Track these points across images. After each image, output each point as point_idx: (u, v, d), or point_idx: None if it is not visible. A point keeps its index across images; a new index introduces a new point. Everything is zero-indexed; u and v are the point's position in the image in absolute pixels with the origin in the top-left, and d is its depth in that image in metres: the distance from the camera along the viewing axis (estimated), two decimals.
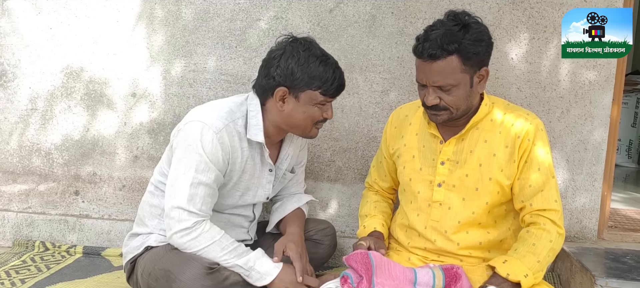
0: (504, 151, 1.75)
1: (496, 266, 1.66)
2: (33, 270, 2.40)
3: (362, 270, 1.64)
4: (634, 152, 5.29)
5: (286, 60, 1.80)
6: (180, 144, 1.83)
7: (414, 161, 1.87)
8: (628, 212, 3.17)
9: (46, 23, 2.69)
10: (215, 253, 1.80)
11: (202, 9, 2.58)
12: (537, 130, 1.75)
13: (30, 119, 2.76)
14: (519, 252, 1.67)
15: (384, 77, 2.51)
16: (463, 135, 1.78)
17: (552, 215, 1.71)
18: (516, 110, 1.81)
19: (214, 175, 1.81)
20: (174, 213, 1.78)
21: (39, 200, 2.81)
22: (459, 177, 1.78)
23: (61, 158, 2.77)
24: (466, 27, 1.63)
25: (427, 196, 1.83)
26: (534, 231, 1.70)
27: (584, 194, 2.46)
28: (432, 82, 1.66)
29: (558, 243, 1.71)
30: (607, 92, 2.39)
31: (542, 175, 1.72)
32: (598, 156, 2.43)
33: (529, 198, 1.73)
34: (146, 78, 2.66)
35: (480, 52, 1.65)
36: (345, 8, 2.49)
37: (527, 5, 2.38)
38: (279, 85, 1.81)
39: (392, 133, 1.98)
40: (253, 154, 1.93)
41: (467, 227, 1.80)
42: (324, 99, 1.83)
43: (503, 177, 1.74)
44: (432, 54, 1.61)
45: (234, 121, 1.86)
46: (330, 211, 2.65)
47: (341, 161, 2.61)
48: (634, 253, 2.35)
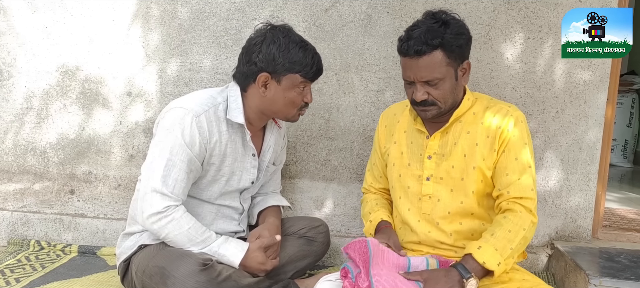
0: (485, 141, 1.79)
1: (472, 252, 1.67)
2: (28, 269, 2.40)
3: (360, 261, 1.66)
4: (630, 152, 5.31)
5: (267, 46, 1.85)
6: (159, 129, 1.89)
7: (402, 157, 1.92)
8: (623, 211, 3.18)
9: (42, 22, 2.68)
10: (183, 242, 1.84)
11: (198, 8, 2.58)
12: (517, 121, 1.79)
13: (26, 118, 2.75)
14: (495, 237, 1.69)
15: (380, 76, 2.51)
16: (447, 128, 1.84)
17: (528, 203, 1.75)
18: (498, 103, 1.87)
19: (189, 158, 1.85)
20: (147, 197, 1.82)
21: (34, 199, 2.81)
22: (445, 169, 1.82)
23: (56, 157, 2.76)
24: (446, 24, 1.71)
25: (417, 190, 1.87)
26: (511, 217, 1.73)
27: (578, 194, 2.47)
28: (419, 77, 1.72)
29: (531, 232, 1.74)
30: (601, 91, 2.39)
31: (519, 164, 1.76)
32: (592, 156, 2.44)
33: (505, 186, 1.76)
34: (142, 77, 2.66)
35: (462, 45, 1.73)
36: (341, 7, 2.50)
37: (522, 5, 2.38)
38: (261, 71, 1.86)
39: (384, 132, 2.03)
40: (234, 138, 1.97)
41: (459, 217, 1.83)
42: (304, 81, 1.89)
43: (484, 165, 1.79)
44: (418, 50, 1.68)
45: (214, 106, 1.91)
46: (326, 210, 2.65)
47: (337, 160, 2.61)
48: (628, 252, 2.36)
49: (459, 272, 1.64)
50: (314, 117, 2.58)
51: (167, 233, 1.83)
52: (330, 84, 2.55)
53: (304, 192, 2.65)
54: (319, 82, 2.52)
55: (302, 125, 2.59)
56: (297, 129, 2.60)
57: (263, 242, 1.97)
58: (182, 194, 1.87)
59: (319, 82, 2.52)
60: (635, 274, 2.07)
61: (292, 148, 2.62)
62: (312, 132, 2.60)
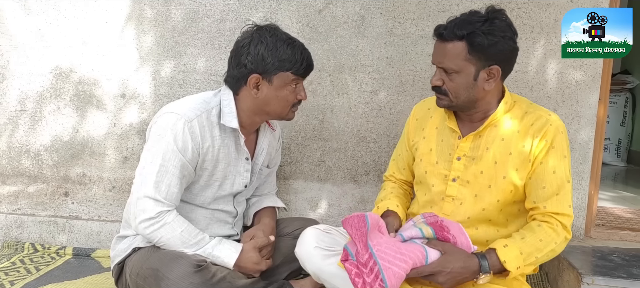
0: (520, 150, 1.73)
1: (497, 248, 1.63)
2: (22, 271, 2.40)
3: (357, 235, 1.59)
4: (623, 150, 5.33)
5: (255, 46, 1.84)
6: (151, 134, 1.89)
7: (430, 154, 1.87)
8: (616, 210, 3.20)
9: (35, 24, 2.68)
10: (177, 246, 1.85)
11: (192, 9, 2.58)
12: (557, 132, 1.72)
13: (19, 120, 2.75)
14: (525, 241, 1.65)
15: (373, 77, 2.52)
16: (480, 132, 1.77)
17: (565, 219, 1.70)
18: (537, 110, 1.79)
19: (181, 163, 1.85)
20: (139, 203, 1.83)
21: (29, 201, 2.80)
22: (473, 173, 1.77)
23: (50, 159, 2.76)
24: (487, 20, 1.65)
25: (441, 190, 1.82)
26: (546, 228, 1.68)
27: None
28: (438, 61, 1.72)
29: (561, 247, 1.70)
30: (593, 91, 2.41)
31: (557, 179, 1.70)
32: (585, 155, 2.45)
33: (543, 200, 1.71)
34: (136, 79, 2.66)
35: (485, 45, 1.64)
36: (335, 9, 2.50)
37: (514, 6, 2.40)
38: (252, 72, 1.86)
39: (414, 125, 1.98)
40: (227, 143, 1.96)
41: (476, 223, 1.79)
42: (295, 78, 1.88)
43: (517, 176, 1.73)
44: (441, 34, 1.68)
45: (207, 111, 1.91)
46: (320, 211, 2.66)
47: (331, 161, 2.62)
48: (620, 251, 2.37)
49: (479, 263, 1.60)
50: (308, 118, 2.59)
51: (160, 237, 1.84)
52: (324, 85, 2.55)
53: (298, 193, 2.66)
54: (313, 82, 2.53)
55: (296, 126, 2.60)
56: (292, 129, 2.60)
57: (257, 243, 1.97)
58: (175, 200, 1.87)
59: (312, 83, 2.53)
60: (627, 273, 2.08)
61: (286, 149, 2.62)
62: (306, 132, 2.61)
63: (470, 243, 1.65)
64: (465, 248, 1.64)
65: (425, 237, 1.65)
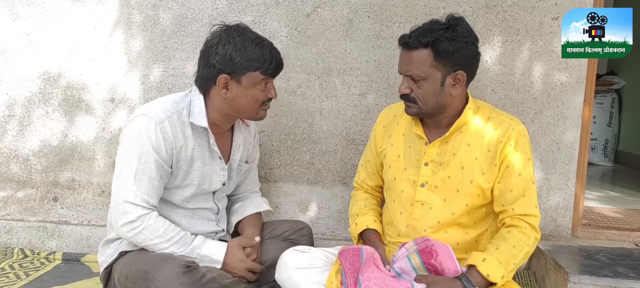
0: (485, 155, 1.79)
1: (476, 264, 1.69)
2: (12, 277, 2.39)
3: (349, 270, 1.67)
4: (610, 151, 5.38)
5: (223, 46, 1.84)
6: (124, 138, 1.88)
7: (399, 161, 1.92)
8: (602, 210, 3.23)
9: (23, 29, 2.67)
10: (162, 247, 1.86)
11: (180, 14, 2.59)
12: (519, 135, 1.79)
13: (8, 126, 2.74)
14: (500, 251, 1.71)
15: (362, 80, 2.54)
16: (447, 137, 1.83)
17: (532, 220, 1.77)
18: (500, 115, 1.86)
19: (157, 164, 1.85)
20: (119, 207, 1.83)
21: (18, 207, 2.79)
22: (441, 178, 1.83)
23: (39, 164, 2.75)
24: (450, 27, 1.71)
25: (410, 195, 1.88)
26: (516, 233, 1.75)
27: (557, 193, 2.51)
28: (404, 70, 1.76)
29: (533, 248, 1.77)
30: (578, 93, 2.44)
31: (523, 181, 1.77)
32: (571, 156, 2.49)
33: (510, 203, 1.78)
34: (125, 83, 2.66)
35: (450, 51, 1.69)
36: (323, 12, 2.52)
37: (500, 9, 2.42)
38: (220, 73, 1.86)
39: (381, 132, 2.03)
40: (201, 143, 1.97)
41: (446, 226, 1.84)
42: (264, 78, 1.88)
43: (484, 180, 1.79)
44: (406, 43, 1.73)
45: (178, 111, 1.91)
46: (310, 213, 2.67)
47: (320, 164, 2.63)
48: (606, 250, 2.40)
49: (462, 285, 1.66)
50: (297, 121, 2.60)
51: (144, 239, 1.84)
52: (313, 88, 2.57)
53: (288, 196, 2.67)
54: (302, 86, 2.55)
55: (285, 130, 2.61)
56: (281, 133, 2.61)
57: (242, 241, 2.00)
58: (154, 201, 1.88)
59: (301, 86, 2.54)
60: (613, 271, 2.11)
61: (276, 152, 2.63)
62: (295, 135, 2.62)
63: (457, 267, 1.72)
64: (452, 273, 1.71)
65: (414, 268, 1.74)
